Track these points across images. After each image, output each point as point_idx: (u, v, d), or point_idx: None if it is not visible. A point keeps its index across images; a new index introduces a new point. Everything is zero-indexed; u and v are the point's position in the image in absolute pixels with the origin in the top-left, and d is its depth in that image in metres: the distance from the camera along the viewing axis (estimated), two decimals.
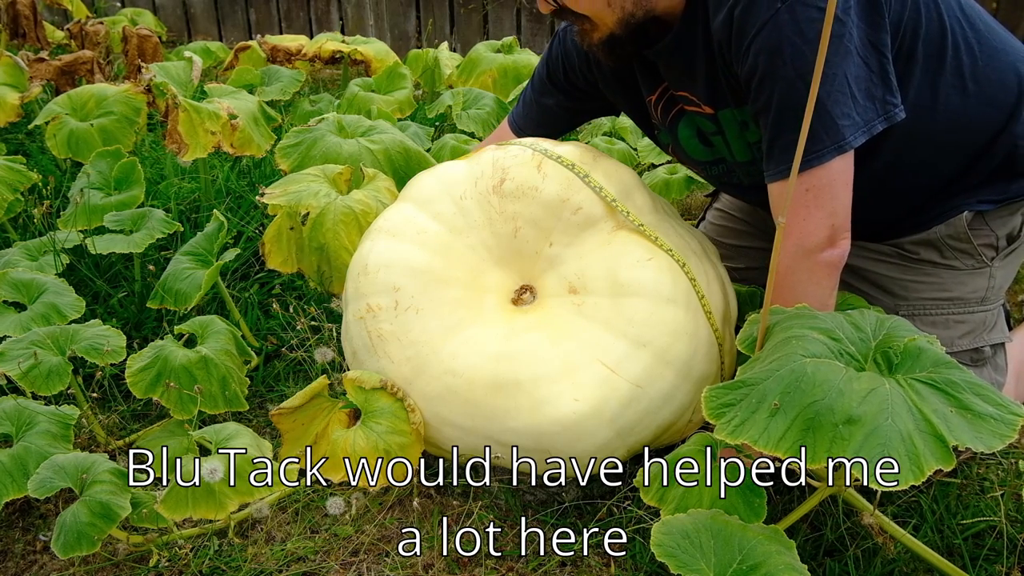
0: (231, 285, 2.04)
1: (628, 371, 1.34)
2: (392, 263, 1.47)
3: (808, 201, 1.32)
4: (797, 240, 1.34)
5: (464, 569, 1.34)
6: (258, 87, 3.28)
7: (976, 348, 1.58)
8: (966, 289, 1.57)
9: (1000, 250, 1.57)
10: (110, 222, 1.98)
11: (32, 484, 1.26)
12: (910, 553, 1.29)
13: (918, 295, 1.58)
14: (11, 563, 1.37)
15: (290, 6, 5.00)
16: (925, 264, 1.58)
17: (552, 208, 1.45)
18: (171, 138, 2.12)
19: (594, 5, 1.42)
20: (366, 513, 1.45)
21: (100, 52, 3.38)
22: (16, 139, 2.91)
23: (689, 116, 1.58)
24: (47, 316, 1.67)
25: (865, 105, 1.29)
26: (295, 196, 1.77)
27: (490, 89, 3.30)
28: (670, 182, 2.52)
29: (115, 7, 5.11)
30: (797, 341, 1.18)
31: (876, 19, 1.29)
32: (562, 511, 1.45)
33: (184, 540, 1.36)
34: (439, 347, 1.41)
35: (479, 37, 4.65)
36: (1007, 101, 1.46)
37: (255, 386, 1.79)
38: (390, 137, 2.10)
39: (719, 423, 1.12)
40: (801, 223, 1.33)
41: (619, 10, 1.41)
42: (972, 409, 1.07)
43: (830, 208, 1.32)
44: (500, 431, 1.36)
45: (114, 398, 1.71)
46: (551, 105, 1.82)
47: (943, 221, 1.54)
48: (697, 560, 1.05)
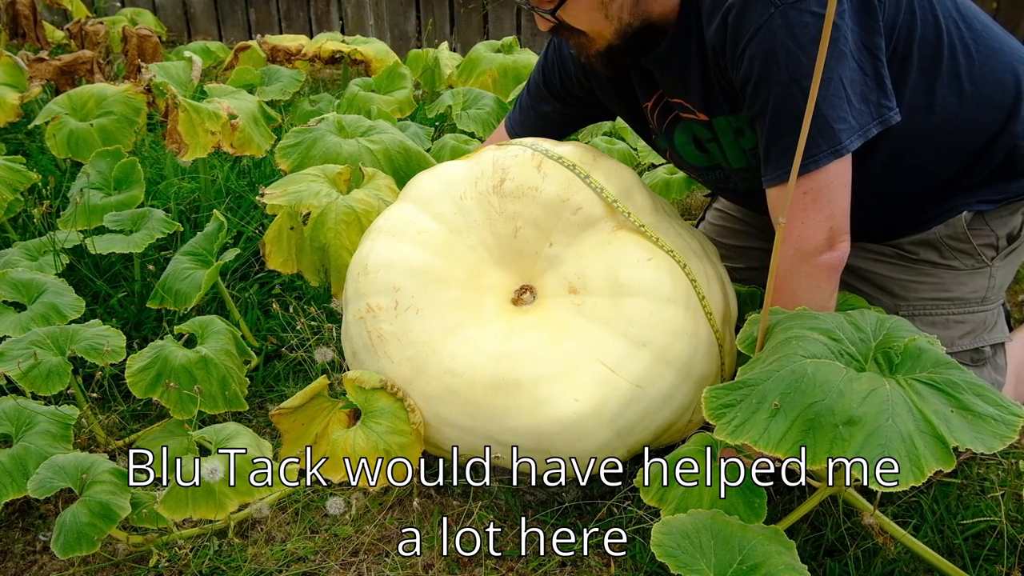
0: (231, 285, 2.04)
1: (628, 371, 1.34)
2: (392, 263, 1.47)
3: (806, 205, 1.33)
4: (796, 243, 1.35)
5: (464, 569, 1.34)
6: (258, 87, 3.28)
7: (976, 348, 1.58)
8: (966, 289, 1.57)
9: (1000, 250, 1.57)
10: (110, 222, 1.98)
11: (32, 484, 1.26)
12: (910, 553, 1.29)
13: (918, 295, 1.58)
14: (11, 563, 1.37)
15: (290, 6, 5.00)
16: (925, 264, 1.58)
17: (552, 208, 1.45)
18: (171, 138, 2.12)
19: (592, 20, 1.41)
20: (366, 513, 1.45)
21: (100, 52, 3.38)
22: (16, 139, 2.91)
23: (685, 123, 1.58)
24: (47, 316, 1.67)
25: (860, 109, 1.29)
26: (295, 196, 1.77)
27: (490, 89, 3.30)
28: (670, 182, 2.52)
29: (115, 7, 5.11)
30: (797, 341, 1.18)
31: (870, 22, 1.30)
32: (562, 511, 1.45)
33: (184, 540, 1.36)
34: (439, 347, 1.41)
35: (479, 37, 4.65)
36: (1005, 101, 1.46)
37: (255, 386, 1.79)
38: (390, 137, 2.10)
39: (719, 423, 1.12)
40: (799, 226, 1.34)
41: (616, 21, 1.41)
42: (972, 410, 1.07)
43: (828, 211, 1.33)
44: (500, 431, 1.36)
45: (114, 398, 1.71)
46: (548, 112, 1.82)
47: (942, 221, 1.54)
48: (697, 560, 1.05)
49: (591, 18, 1.41)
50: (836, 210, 1.33)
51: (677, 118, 1.59)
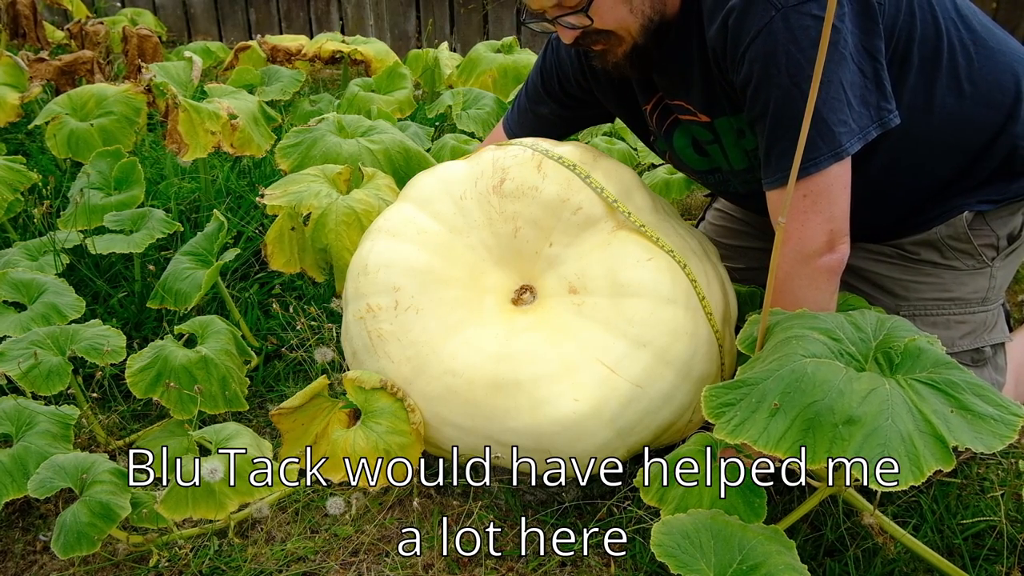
0: (231, 285, 2.04)
1: (628, 371, 1.34)
2: (392, 263, 1.47)
3: (806, 207, 1.33)
4: (796, 246, 1.35)
5: (464, 569, 1.34)
6: (258, 87, 3.28)
7: (977, 348, 1.58)
8: (967, 289, 1.57)
9: (1001, 250, 1.57)
10: (110, 222, 1.98)
11: (32, 484, 1.26)
12: (910, 553, 1.29)
13: (919, 295, 1.58)
14: (11, 563, 1.37)
15: (290, 6, 5.00)
16: (926, 264, 1.58)
17: (552, 208, 1.45)
18: (171, 138, 2.12)
19: (619, 16, 1.41)
20: (366, 513, 1.45)
21: (100, 52, 3.38)
22: (16, 139, 2.91)
23: (684, 126, 1.58)
24: (47, 316, 1.67)
25: (860, 111, 1.29)
26: (296, 197, 1.77)
27: (490, 89, 3.30)
28: (670, 182, 2.52)
29: (115, 7, 5.11)
30: (797, 341, 1.18)
31: (870, 25, 1.30)
32: (562, 511, 1.45)
33: (184, 540, 1.36)
34: (439, 347, 1.41)
35: (479, 37, 4.65)
36: (1005, 102, 1.46)
37: (255, 386, 1.79)
38: (390, 137, 2.10)
39: (719, 423, 1.12)
40: (799, 229, 1.34)
41: (640, 16, 1.41)
42: (972, 410, 1.07)
43: (828, 213, 1.33)
44: (500, 431, 1.36)
45: (114, 398, 1.71)
46: (545, 114, 1.82)
47: (943, 221, 1.54)
48: (697, 560, 1.05)
49: (617, 14, 1.40)
50: (836, 212, 1.33)
51: (676, 121, 1.59)
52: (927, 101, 1.42)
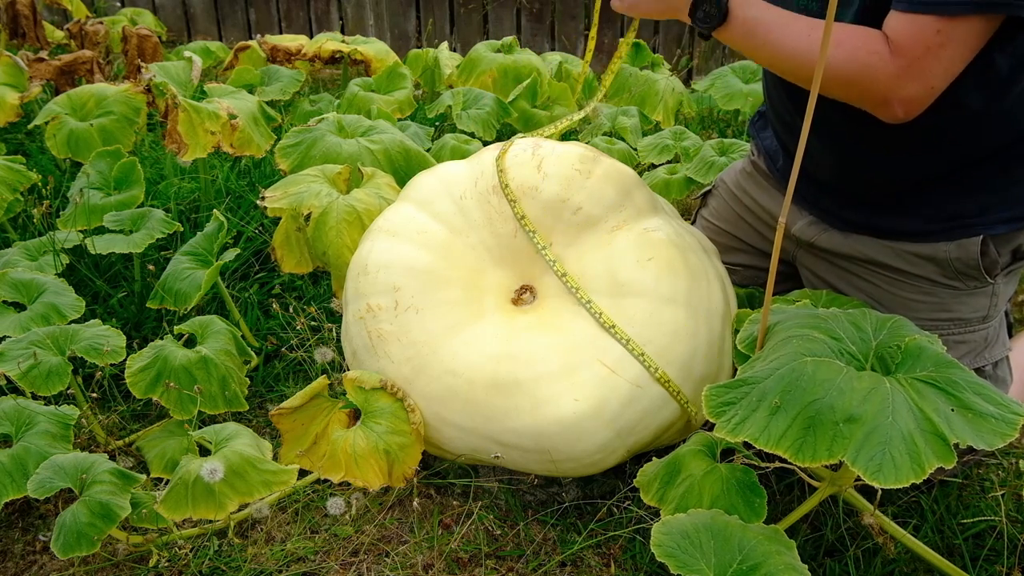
0: (231, 285, 2.04)
1: (628, 371, 1.34)
2: (392, 263, 1.47)
3: (930, 43, 1.17)
4: (891, 62, 1.18)
5: (464, 569, 1.34)
6: (258, 87, 3.28)
7: (978, 368, 1.51)
8: (967, 309, 1.50)
9: (1004, 267, 1.50)
10: (110, 222, 1.98)
11: (32, 484, 1.26)
12: (910, 553, 1.29)
13: (916, 315, 1.50)
14: (11, 563, 1.37)
15: (290, 6, 4.99)
16: (924, 282, 1.51)
17: (552, 208, 1.45)
18: (171, 138, 2.12)
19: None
20: (366, 513, 1.44)
21: (100, 52, 3.38)
22: (16, 139, 2.91)
23: None
24: (47, 316, 1.67)
25: None
26: (296, 198, 1.77)
27: (490, 89, 3.29)
28: (670, 182, 2.52)
29: (115, 7, 5.11)
30: (798, 340, 1.18)
31: None
32: (562, 511, 1.45)
33: (184, 540, 1.36)
34: (439, 347, 1.41)
35: (479, 37, 4.65)
36: None
37: (255, 386, 1.79)
38: (390, 137, 2.10)
39: (719, 421, 1.13)
40: (906, 59, 1.18)
41: None
42: (973, 408, 1.07)
43: (943, 68, 1.18)
44: (500, 431, 1.36)
45: (114, 398, 1.71)
46: None
47: (954, 240, 1.46)
48: (697, 560, 1.05)
49: None
50: (940, 74, 1.19)
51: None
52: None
